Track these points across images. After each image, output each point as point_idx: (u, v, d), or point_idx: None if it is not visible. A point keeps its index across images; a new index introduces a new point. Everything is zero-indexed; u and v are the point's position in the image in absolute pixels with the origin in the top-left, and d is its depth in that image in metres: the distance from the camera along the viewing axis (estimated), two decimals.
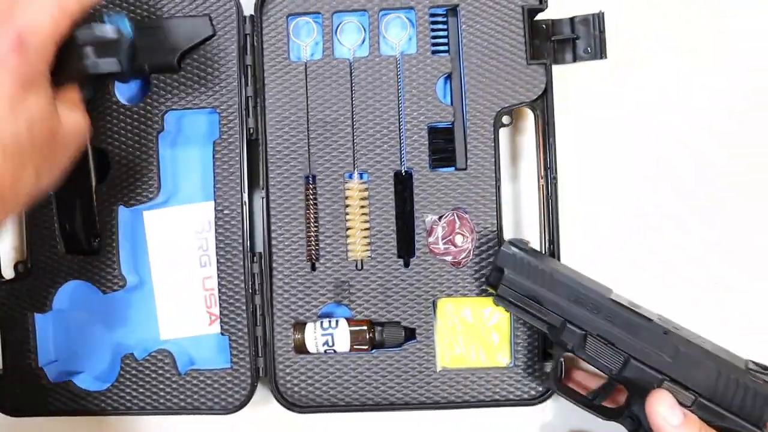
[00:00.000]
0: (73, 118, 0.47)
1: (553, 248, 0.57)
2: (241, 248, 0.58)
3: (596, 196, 0.61)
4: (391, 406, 0.58)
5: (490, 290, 0.55)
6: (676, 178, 0.61)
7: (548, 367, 0.56)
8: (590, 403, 0.53)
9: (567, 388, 0.54)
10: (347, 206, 0.58)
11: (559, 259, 0.57)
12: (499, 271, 0.52)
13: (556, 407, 0.61)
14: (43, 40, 0.44)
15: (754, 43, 0.61)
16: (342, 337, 0.57)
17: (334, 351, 0.58)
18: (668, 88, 0.61)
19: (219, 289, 0.59)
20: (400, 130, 0.58)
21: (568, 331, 0.50)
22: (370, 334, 0.57)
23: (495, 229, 0.57)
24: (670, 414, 0.46)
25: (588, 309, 0.50)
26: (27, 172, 0.43)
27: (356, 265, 0.58)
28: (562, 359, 0.54)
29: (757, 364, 0.48)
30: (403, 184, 0.58)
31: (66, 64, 0.45)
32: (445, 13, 0.59)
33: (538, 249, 0.58)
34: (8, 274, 0.61)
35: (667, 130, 0.62)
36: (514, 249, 0.52)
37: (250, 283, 0.58)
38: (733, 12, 0.62)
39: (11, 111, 0.42)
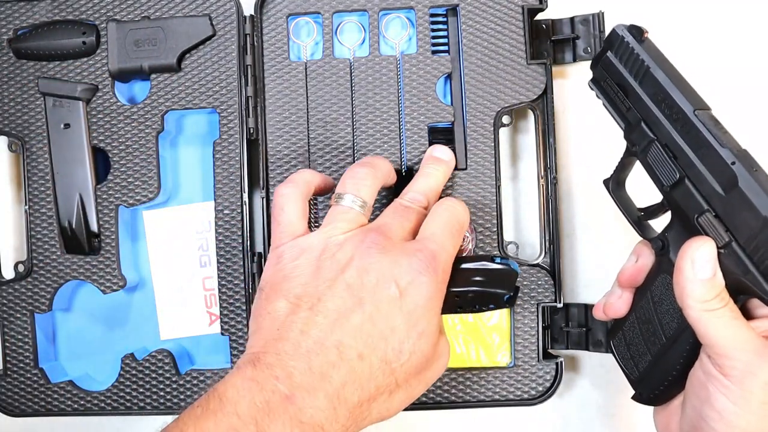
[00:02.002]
0: (444, 346, 0.47)
1: (552, 248, 0.57)
2: (241, 248, 0.58)
3: (596, 196, 0.61)
4: None
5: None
6: None
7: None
8: (636, 216, 0.50)
9: (622, 194, 0.51)
10: None
11: (559, 260, 0.57)
12: (603, 52, 0.48)
13: (556, 407, 0.61)
14: (448, 263, 0.46)
15: (755, 43, 0.61)
16: None
17: None
18: None
19: (219, 289, 0.59)
20: (400, 130, 0.58)
21: (639, 132, 0.46)
22: None
23: (495, 229, 0.57)
24: (703, 265, 0.41)
25: (667, 115, 0.44)
26: (389, 394, 0.44)
27: None
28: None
29: None
30: (404, 183, 0.58)
31: (451, 291, 0.46)
32: (445, 13, 0.59)
33: (538, 248, 0.58)
34: (8, 274, 0.61)
35: None
36: (624, 31, 0.47)
37: (250, 283, 0.58)
38: (734, 12, 0.62)
39: (409, 329, 0.43)
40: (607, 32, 0.57)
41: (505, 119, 0.59)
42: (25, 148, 0.59)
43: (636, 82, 0.46)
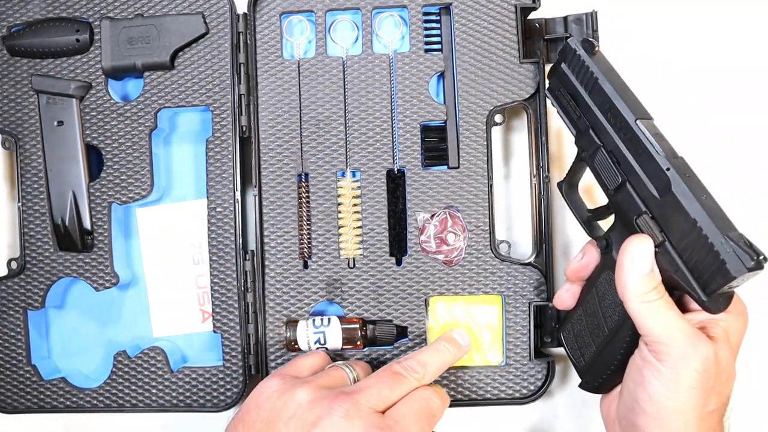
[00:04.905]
0: None
1: (545, 247, 0.57)
2: (233, 246, 0.58)
3: (590, 195, 0.61)
4: None
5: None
6: None
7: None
8: (585, 217, 0.53)
9: (573, 196, 0.54)
10: (340, 204, 0.58)
11: (550, 259, 0.57)
12: (558, 63, 0.51)
13: (547, 406, 0.61)
14: None
15: (752, 40, 0.61)
16: (334, 334, 0.57)
17: (326, 349, 0.58)
18: (662, 87, 0.61)
19: (211, 287, 0.59)
20: (392, 128, 0.58)
21: (588, 138, 0.49)
22: (362, 332, 0.57)
23: (487, 227, 0.58)
24: (642, 261, 0.44)
25: (612, 123, 0.48)
26: None
27: (348, 264, 0.58)
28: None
29: (743, 239, 0.42)
30: (396, 182, 0.58)
31: None
32: (438, 11, 0.59)
33: (531, 247, 0.58)
34: (1, 271, 0.61)
35: (660, 127, 0.61)
36: (576, 45, 0.50)
37: (243, 280, 0.58)
38: (729, 10, 0.62)
39: None
40: (601, 33, 0.57)
41: (498, 118, 0.59)
42: (19, 146, 0.59)
43: (586, 93, 0.49)
